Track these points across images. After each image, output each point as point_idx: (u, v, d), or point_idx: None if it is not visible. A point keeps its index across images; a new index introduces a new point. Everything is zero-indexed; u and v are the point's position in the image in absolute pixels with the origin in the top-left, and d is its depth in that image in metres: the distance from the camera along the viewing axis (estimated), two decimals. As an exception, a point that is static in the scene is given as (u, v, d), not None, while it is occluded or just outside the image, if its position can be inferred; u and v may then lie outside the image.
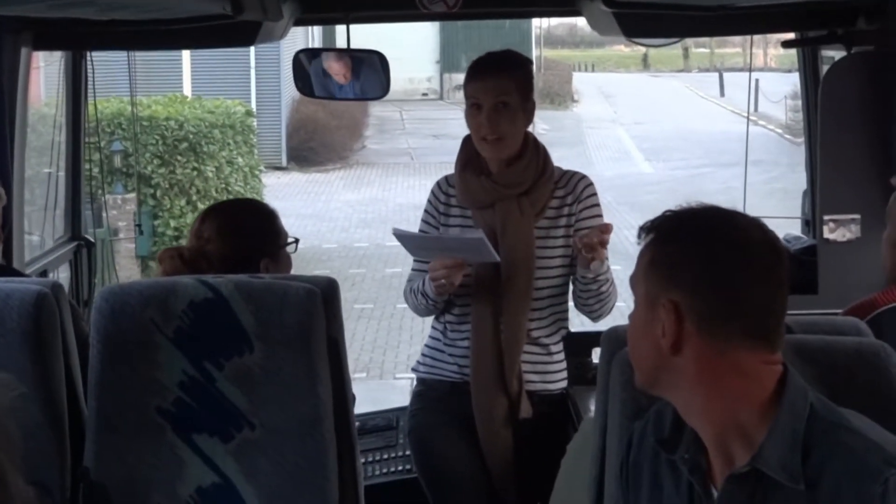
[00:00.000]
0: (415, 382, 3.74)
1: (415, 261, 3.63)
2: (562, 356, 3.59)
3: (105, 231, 6.55)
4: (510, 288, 3.46)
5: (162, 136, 14.85)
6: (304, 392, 2.66)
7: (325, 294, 2.72)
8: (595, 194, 3.58)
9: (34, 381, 2.63)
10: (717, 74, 35.68)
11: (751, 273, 1.96)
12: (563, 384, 3.57)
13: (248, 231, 3.10)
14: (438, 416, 3.59)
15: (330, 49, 4.59)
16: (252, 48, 20.17)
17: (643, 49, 45.34)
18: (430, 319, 3.74)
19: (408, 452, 4.16)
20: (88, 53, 4.39)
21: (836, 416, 1.95)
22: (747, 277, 1.96)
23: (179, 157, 14.95)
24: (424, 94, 32.23)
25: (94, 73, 4.48)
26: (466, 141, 3.58)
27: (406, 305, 3.72)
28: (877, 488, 1.83)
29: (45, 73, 6.55)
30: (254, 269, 2.97)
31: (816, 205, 3.78)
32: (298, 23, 4.45)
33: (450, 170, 3.68)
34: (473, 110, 3.45)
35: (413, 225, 3.70)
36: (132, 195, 13.80)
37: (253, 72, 21.90)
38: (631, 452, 2.19)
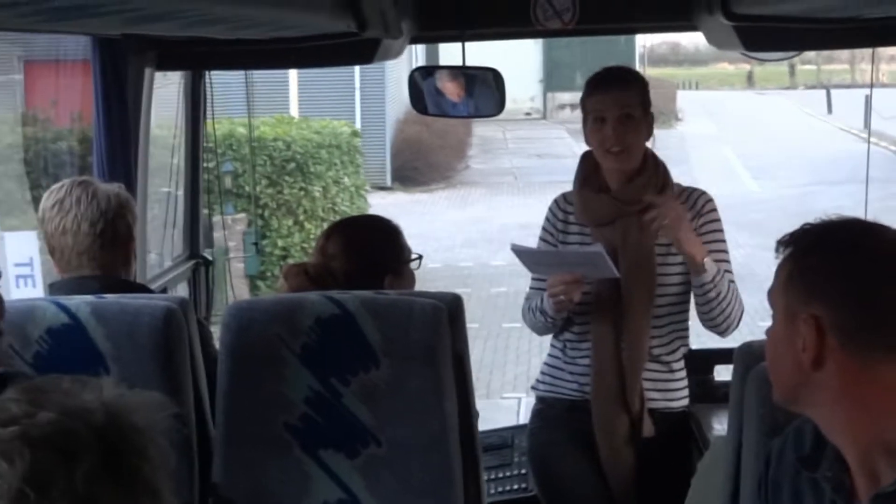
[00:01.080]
0: (535, 401, 3.71)
1: (532, 279, 3.62)
2: (683, 374, 3.54)
3: (219, 250, 6.64)
4: (631, 305, 3.43)
5: (270, 157, 14.99)
6: (431, 408, 2.66)
7: (451, 310, 2.72)
8: (716, 210, 3.54)
9: (164, 395, 2.67)
10: (824, 91, 35.16)
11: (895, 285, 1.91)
12: (685, 402, 3.53)
13: (373, 247, 3.11)
14: (559, 434, 3.57)
15: (444, 67, 4.58)
16: (357, 68, 20.42)
17: (748, 66, 44.88)
18: (539, 339, 3.71)
19: (524, 471, 4.15)
20: (207, 74, 4.46)
21: None
22: (892, 290, 1.91)
23: (287, 178, 15.08)
24: (528, 114, 32.19)
25: (212, 93, 4.55)
26: (585, 157, 3.57)
27: (513, 325, 3.73)
28: None
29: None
30: (378, 285, 2.97)
31: None
32: (415, 40, 4.47)
33: (553, 189, 3.68)
34: (597, 123, 3.44)
35: (518, 242, 3.70)
36: (241, 215, 13.98)
37: (357, 92, 22.00)
38: (770, 470, 2.14)
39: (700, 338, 3.76)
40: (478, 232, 18.48)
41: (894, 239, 1.97)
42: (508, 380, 10.95)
